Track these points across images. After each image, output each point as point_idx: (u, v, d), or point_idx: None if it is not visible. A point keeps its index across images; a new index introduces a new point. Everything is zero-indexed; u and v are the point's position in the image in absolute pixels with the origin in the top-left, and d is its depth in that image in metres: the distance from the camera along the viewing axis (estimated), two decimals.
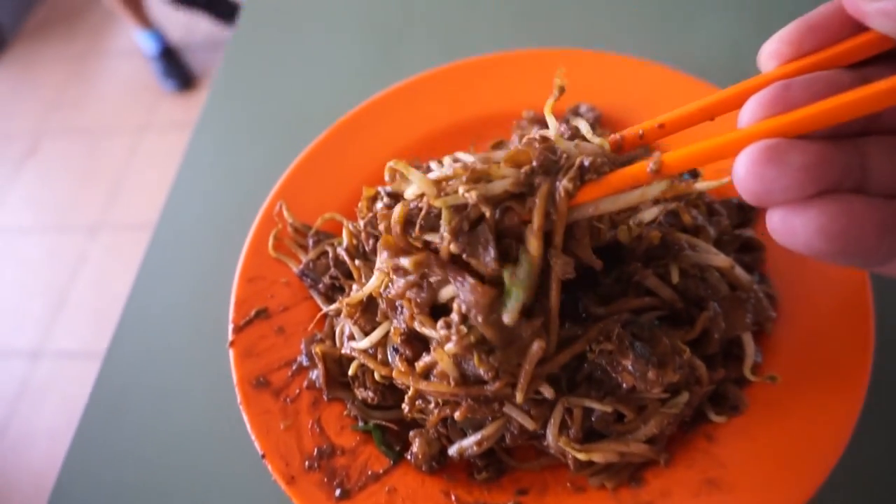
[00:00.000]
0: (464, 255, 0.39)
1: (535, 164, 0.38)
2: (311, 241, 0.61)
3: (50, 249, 2.13)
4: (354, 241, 0.58)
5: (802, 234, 0.27)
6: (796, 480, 0.45)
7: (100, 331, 1.91)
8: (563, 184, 0.37)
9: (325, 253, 0.60)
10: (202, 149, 0.79)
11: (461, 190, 0.39)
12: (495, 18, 0.85)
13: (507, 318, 0.41)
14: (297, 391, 0.54)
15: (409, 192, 0.42)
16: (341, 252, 0.58)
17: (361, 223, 0.57)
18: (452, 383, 0.45)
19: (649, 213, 0.49)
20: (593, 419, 0.48)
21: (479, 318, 0.42)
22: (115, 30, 2.72)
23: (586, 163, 0.37)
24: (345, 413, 0.53)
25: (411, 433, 0.51)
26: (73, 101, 2.52)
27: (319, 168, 0.65)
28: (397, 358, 0.49)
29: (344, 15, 0.91)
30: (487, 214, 0.38)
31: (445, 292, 0.44)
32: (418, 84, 0.69)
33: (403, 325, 0.48)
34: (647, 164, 0.34)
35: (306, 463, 0.50)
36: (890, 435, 0.51)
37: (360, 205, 0.58)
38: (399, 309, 0.49)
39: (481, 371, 0.44)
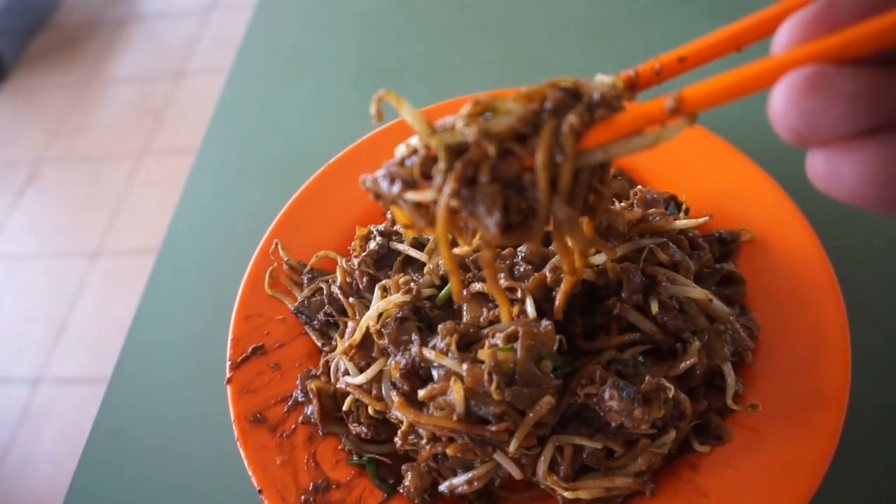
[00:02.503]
0: (464, 213, 0.34)
1: (548, 104, 0.33)
2: (305, 279, 0.63)
3: (50, 275, 2.14)
4: (348, 279, 0.60)
5: (851, 180, 0.23)
6: None
7: (100, 356, 1.92)
8: (570, 119, 0.32)
9: (319, 290, 0.61)
10: (199, 187, 0.81)
11: (459, 125, 0.34)
12: (486, 61, 0.88)
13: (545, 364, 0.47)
14: (293, 426, 0.55)
15: (399, 149, 0.37)
16: (335, 290, 0.60)
17: (355, 261, 0.59)
18: (455, 418, 0.47)
19: (599, 258, 0.51)
20: (584, 455, 0.49)
21: (525, 345, 0.46)
22: (114, 58, 2.76)
23: (596, 96, 0.33)
24: (339, 447, 0.54)
25: (403, 467, 0.52)
26: (73, 128, 2.55)
27: (314, 207, 0.67)
28: (394, 392, 0.50)
29: (339, 57, 0.93)
30: (491, 152, 0.32)
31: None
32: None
33: (406, 360, 0.50)
34: (665, 101, 0.29)
35: (302, 497, 0.51)
36: (868, 462, 0.52)
37: (353, 243, 0.60)
38: (403, 346, 0.51)
39: (490, 408, 0.46)
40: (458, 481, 0.51)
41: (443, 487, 0.51)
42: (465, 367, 0.47)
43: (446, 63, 0.89)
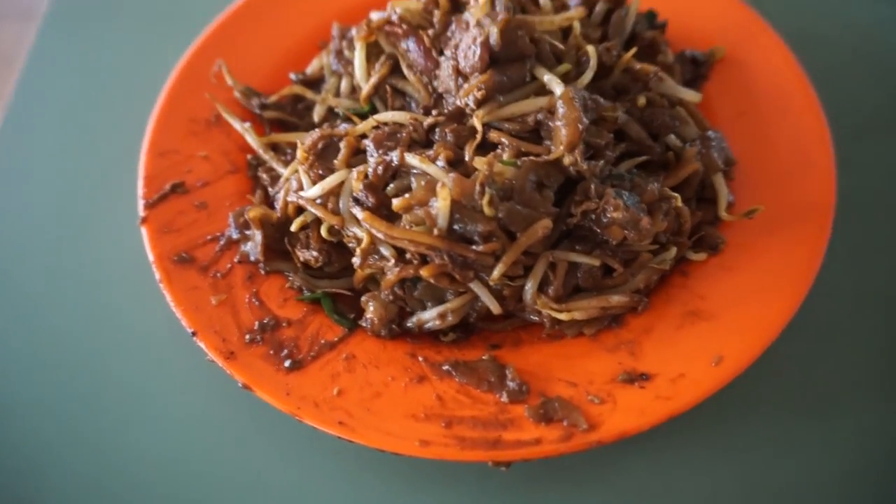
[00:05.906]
0: None
1: None
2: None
3: None
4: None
5: None
6: (778, 302, 0.43)
7: None
8: None
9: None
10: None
11: None
12: None
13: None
14: (229, 266, 0.47)
15: None
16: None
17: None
18: (436, 233, 0.40)
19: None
20: (579, 275, 0.44)
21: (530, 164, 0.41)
22: None
23: None
24: (287, 285, 0.46)
25: (364, 297, 0.45)
26: None
27: (249, 25, 0.57)
28: (356, 208, 0.43)
29: None
30: None
31: None
32: None
33: (375, 166, 0.43)
34: None
35: (247, 337, 0.43)
36: (858, 263, 0.51)
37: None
38: (384, 149, 0.44)
39: (477, 226, 0.40)
40: (429, 315, 0.44)
41: (410, 324, 0.44)
42: (451, 175, 0.40)
43: None
